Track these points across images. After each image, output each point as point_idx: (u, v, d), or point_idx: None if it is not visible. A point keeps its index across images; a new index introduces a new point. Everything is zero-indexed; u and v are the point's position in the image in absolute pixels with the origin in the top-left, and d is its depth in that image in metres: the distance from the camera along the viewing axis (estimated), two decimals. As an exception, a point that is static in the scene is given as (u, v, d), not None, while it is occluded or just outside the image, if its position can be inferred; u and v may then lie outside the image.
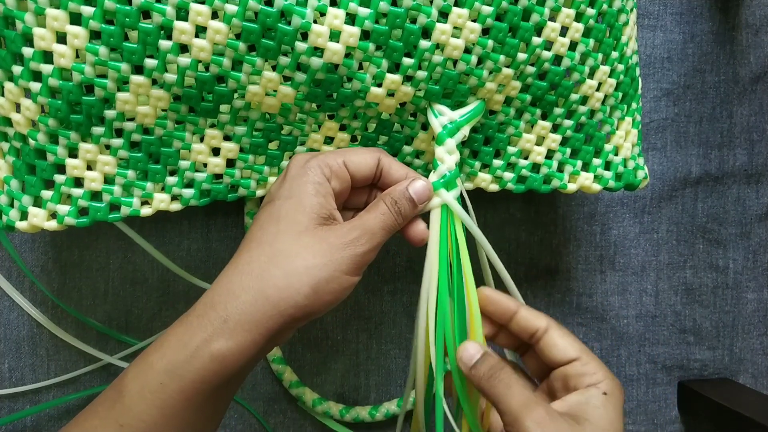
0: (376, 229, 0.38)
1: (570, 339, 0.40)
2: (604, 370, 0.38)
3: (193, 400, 0.35)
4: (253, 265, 0.36)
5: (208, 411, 0.37)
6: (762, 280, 0.61)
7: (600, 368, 0.38)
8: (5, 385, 0.55)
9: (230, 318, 0.35)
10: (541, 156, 0.45)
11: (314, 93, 0.40)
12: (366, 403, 0.58)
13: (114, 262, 0.55)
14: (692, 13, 0.59)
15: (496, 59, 0.40)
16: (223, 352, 0.34)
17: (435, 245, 0.41)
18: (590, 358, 0.39)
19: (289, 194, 0.38)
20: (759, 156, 0.60)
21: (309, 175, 0.38)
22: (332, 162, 0.39)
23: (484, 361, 0.38)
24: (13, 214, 0.40)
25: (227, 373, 0.35)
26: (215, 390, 0.35)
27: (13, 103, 0.37)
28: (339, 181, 0.39)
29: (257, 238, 0.37)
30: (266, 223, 0.38)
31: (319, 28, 0.36)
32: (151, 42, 0.36)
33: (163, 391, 0.34)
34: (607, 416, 0.37)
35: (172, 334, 0.36)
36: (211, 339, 0.35)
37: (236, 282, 0.36)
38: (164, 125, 0.39)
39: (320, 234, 0.37)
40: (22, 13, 0.35)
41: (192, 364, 0.34)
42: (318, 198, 0.37)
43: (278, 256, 0.36)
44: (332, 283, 0.36)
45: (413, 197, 0.40)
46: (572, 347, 0.39)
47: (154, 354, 0.35)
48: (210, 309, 0.35)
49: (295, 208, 0.37)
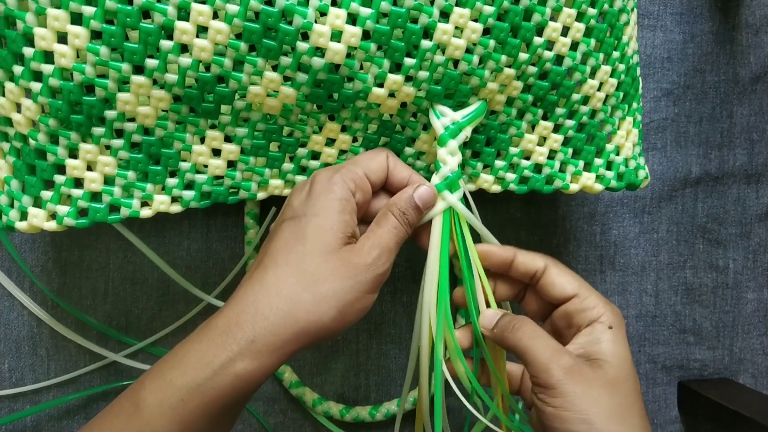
0: (392, 246, 0.38)
1: (568, 276, 0.42)
2: (603, 302, 0.41)
3: (212, 415, 0.35)
4: (281, 286, 0.36)
5: (224, 423, 0.37)
6: (762, 280, 0.61)
7: (599, 301, 0.41)
8: (5, 385, 0.54)
9: (258, 339, 0.35)
10: (543, 156, 0.45)
11: (315, 93, 0.39)
12: (366, 403, 0.58)
13: (114, 262, 0.55)
14: (692, 13, 0.59)
15: (498, 59, 0.40)
16: (248, 371, 0.34)
17: (436, 249, 0.41)
18: (588, 292, 0.41)
19: (315, 212, 0.37)
20: (759, 156, 0.60)
21: (335, 192, 0.38)
22: (354, 175, 0.39)
23: (504, 317, 0.41)
24: (13, 215, 0.39)
25: (248, 390, 0.35)
26: (234, 405, 0.36)
27: (14, 103, 0.37)
28: (362, 193, 0.39)
29: (284, 257, 0.37)
30: (293, 241, 0.37)
31: (320, 28, 0.36)
32: (152, 42, 0.36)
33: (183, 407, 0.34)
34: (618, 351, 0.39)
35: (192, 349, 0.35)
36: (236, 359, 0.34)
37: (264, 302, 0.36)
38: (165, 126, 0.39)
39: (345, 255, 0.37)
40: (23, 12, 0.35)
41: (215, 382, 0.34)
42: (344, 216, 0.37)
43: (307, 278, 0.36)
44: (356, 304, 0.37)
45: (419, 204, 0.40)
46: (570, 284, 0.41)
47: (174, 370, 0.35)
48: (235, 327, 0.35)
49: (322, 227, 0.37)
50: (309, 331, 0.35)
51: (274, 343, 0.35)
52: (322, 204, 0.37)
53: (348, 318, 0.37)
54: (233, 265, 0.55)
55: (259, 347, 0.35)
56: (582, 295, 0.41)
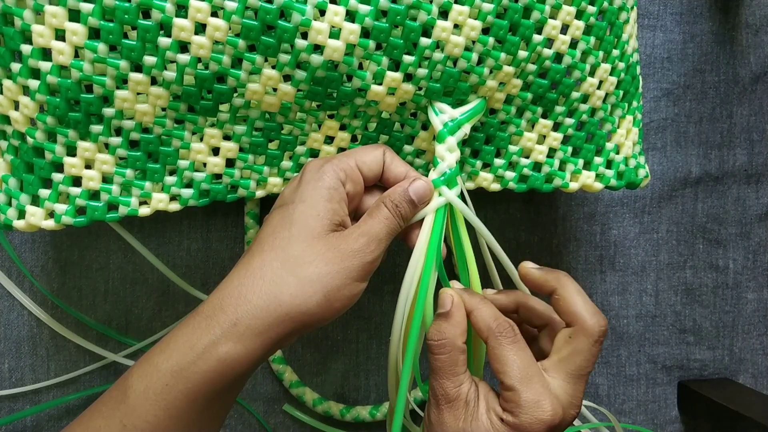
0: (382, 235, 0.38)
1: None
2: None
3: (197, 401, 0.35)
4: (265, 269, 0.36)
5: (212, 412, 0.36)
6: (762, 280, 0.61)
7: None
8: (5, 385, 0.54)
9: (240, 321, 0.35)
10: (542, 155, 0.45)
11: (314, 91, 0.39)
12: (366, 403, 0.58)
13: (114, 262, 0.55)
14: (692, 13, 0.59)
15: (497, 57, 0.40)
16: (231, 356, 0.34)
17: (422, 248, 0.41)
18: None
19: (303, 198, 0.37)
20: (759, 156, 0.60)
21: (324, 180, 0.38)
22: (346, 165, 0.38)
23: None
24: (11, 213, 0.39)
25: (233, 375, 0.35)
26: (220, 392, 0.35)
27: (12, 100, 0.37)
28: (353, 184, 0.39)
29: (270, 242, 0.37)
30: (279, 227, 0.37)
31: (319, 25, 0.36)
32: (150, 39, 0.36)
33: (168, 392, 0.34)
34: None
35: (178, 334, 0.36)
36: (219, 341, 0.34)
37: (248, 285, 0.36)
38: (163, 124, 0.39)
39: (332, 241, 0.37)
40: (21, 9, 0.35)
41: (198, 366, 0.34)
42: (332, 204, 0.37)
43: (291, 261, 0.36)
44: (343, 290, 0.36)
45: (413, 198, 0.39)
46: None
47: (160, 355, 0.35)
48: (219, 311, 0.35)
49: (309, 213, 0.37)
50: (293, 315, 0.35)
51: (257, 326, 0.35)
52: (310, 192, 0.37)
53: (334, 305, 0.36)
54: (233, 265, 0.54)
55: (241, 330, 0.34)
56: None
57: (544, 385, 0.36)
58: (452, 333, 0.38)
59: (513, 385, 0.36)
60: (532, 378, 0.36)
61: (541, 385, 0.36)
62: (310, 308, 0.35)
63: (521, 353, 0.37)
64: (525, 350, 0.38)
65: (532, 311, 0.42)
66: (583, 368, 0.38)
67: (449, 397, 0.37)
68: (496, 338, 0.38)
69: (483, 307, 0.39)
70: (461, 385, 0.38)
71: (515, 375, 0.36)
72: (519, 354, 0.37)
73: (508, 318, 0.39)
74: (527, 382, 0.36)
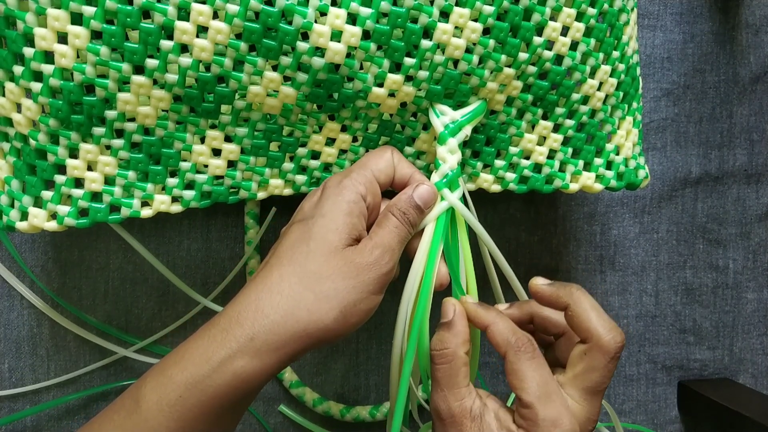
0: (394, 245, 0.38)
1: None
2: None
3: (210, 414, 0.35)
4: (283, 285, 0.36)
5: (224, 423, 0.36)
6: (762, 280, 0.61)
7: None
8: (5, 385, 0.54)
9: (257, 336, 0.34)
10: (542, 156, 0.45)
11: (315, 93, 0.39)
12: (366, 403, 0.58)
13: (114, 262, 0.55)
14: (692, 13, 0.59)
15: (498, 59, 0.40)
16: (246, 370, 0.34)
17: (422, 257, 0.41)
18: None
19: (323, 213, 0.37)
20: (759, 156, 0.60)
21: (344, 194, 0.38)
22: (364, 178, 0.39)
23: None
24: (14, 215, 0.40)
25: (247, 389, 0.35)
26: (233, 405, 0.35)
27: (14, 103, 0.37)
28: (372, 196, 0.39)
29: (288, 257, 0.37)
30: (298, 241, 0.37)
31: (320, 27, 0.36)
32: (152, 42, 0.36)
33: (181, 404, 0.34)
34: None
35: (193, 346, 0.35)
36: (235, 356, 0.34)
37: (265, 300, 0.35)
38: (165, 126, 0.39)
39: (348, 255, 0.37)
40: (24, 12, 0.35)
41: (213, 380, 0.34)
42: (351, 218, 0.37)
43: (309, 277, 0.36)
44: (360, 304, 0.37)
45: (419, 204, 0.40)
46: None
47: (174, 366, 0.35)
48: (236, 324, 0.35)
49: (328, 228, 0.37)
50: (310, 331, 0.35)
51: (274, 341, 0.35)
52: (330, 206, 0.37)
53: (350, 320, 0.36)
54: (233, 265, 0.55)
55: (258, 345, 0.34)
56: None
57: (562, 403, 0.36)
58: (454, 342, 0.38)
59: (531, 402, 0.35)
60: (551, 395, 0.36)
61: (560, 403, 0.36)
62: (327, 324, 0.35)
63: (540, 369, 0.37)
64: (543, 366, 0.37)
65: (547, 320, 0.42)
66: (600, 384, 0.37)
67: (452, 412, 0.37)
68: (515, 353, 0.37)
69: (500, 321, 0.38)
70: (464, 399, 0.37)
71: (533, 392, 0.36)
72: (538, 370, 0.36)
73: (524, 331, 0.38)
74: (545, 400, 0.36)
